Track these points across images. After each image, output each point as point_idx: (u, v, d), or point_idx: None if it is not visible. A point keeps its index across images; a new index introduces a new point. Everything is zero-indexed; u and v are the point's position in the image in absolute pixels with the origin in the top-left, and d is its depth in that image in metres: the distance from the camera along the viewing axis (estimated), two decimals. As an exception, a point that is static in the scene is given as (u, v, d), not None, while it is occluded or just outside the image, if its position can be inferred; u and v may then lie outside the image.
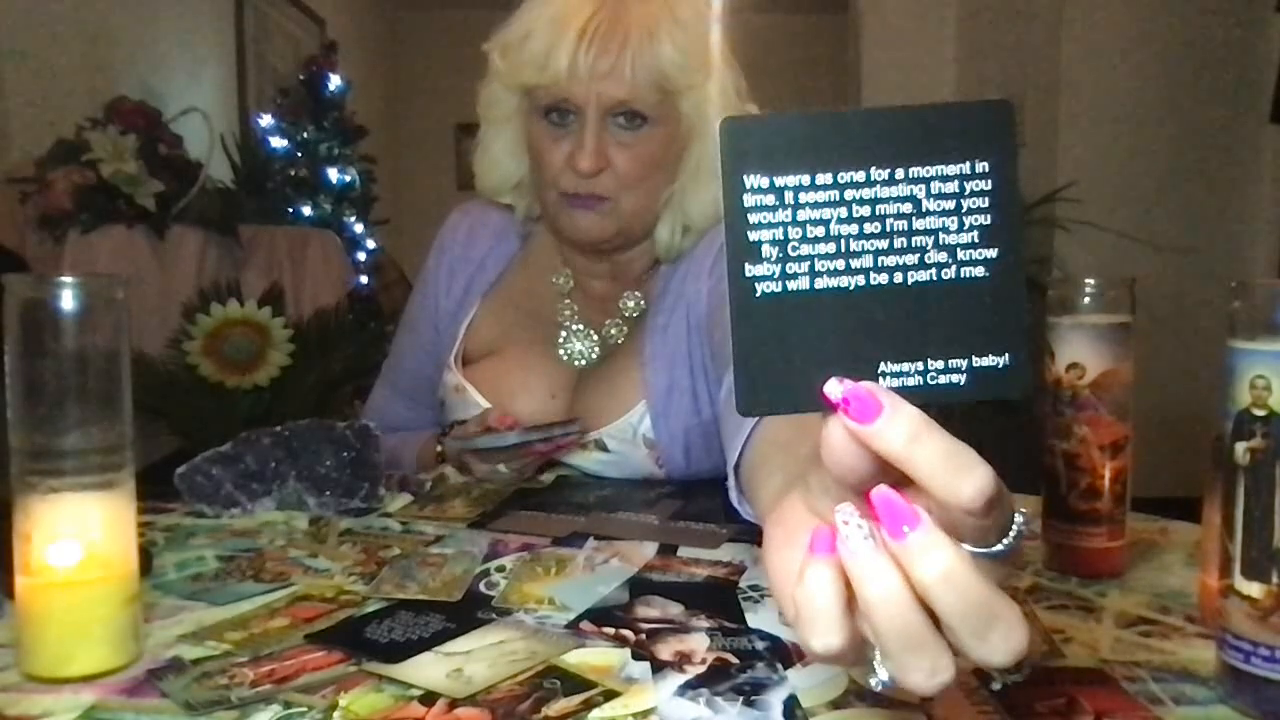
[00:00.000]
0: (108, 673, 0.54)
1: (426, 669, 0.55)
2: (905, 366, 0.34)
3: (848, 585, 0.32)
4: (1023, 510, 0.34)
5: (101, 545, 0.54)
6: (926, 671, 0.32)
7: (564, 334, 1.11)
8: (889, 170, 0.33)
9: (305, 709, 0.50)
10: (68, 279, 0.53)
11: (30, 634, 0.54)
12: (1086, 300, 0.70)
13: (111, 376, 0.55)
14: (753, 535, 0.80)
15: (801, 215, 0.34)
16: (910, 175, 0.33)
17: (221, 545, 0.79)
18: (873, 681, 0.34)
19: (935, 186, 0.33)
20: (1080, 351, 0.69)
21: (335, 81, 3.41)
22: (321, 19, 4.56)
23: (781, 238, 0.34)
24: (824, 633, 0.32)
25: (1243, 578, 0.48)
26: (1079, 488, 0.70)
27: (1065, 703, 0.50)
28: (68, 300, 0.53)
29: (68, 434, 0.53)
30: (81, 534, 0.54)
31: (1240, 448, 0.48)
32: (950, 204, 0.33)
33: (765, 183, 0.33)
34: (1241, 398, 0.48)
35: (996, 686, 0.40)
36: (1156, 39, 3.14)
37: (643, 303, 1.11)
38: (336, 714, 0.50)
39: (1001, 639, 0.32)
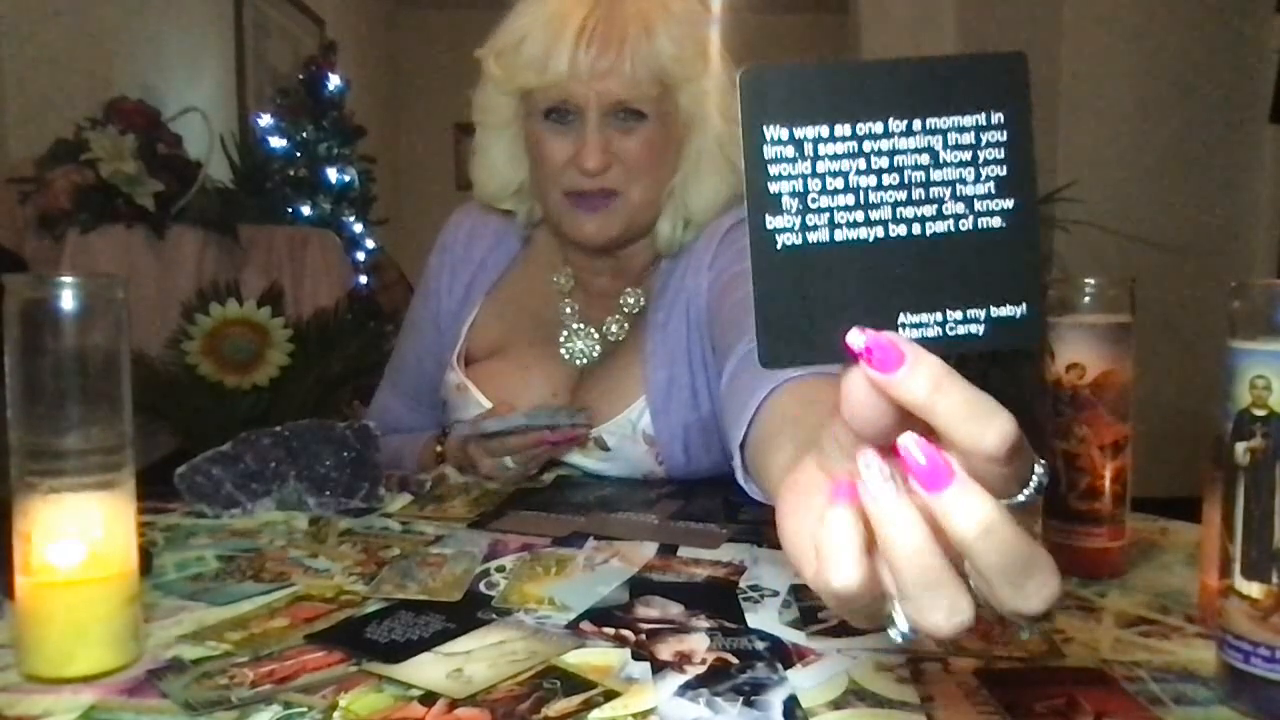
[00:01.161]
0: (108, 673, 0.54)
1: (426, 669, 0.55)
2: (924, 317, 0.34)
3: (869, 528, 0.32)
4: (1041, 461, 0.34)
5: (102, 545, 0.54)
6: (945, 611, 0.32)
7: (565, 333, 1.11)
8: (906, 121, 0.33)
9: (305, 709, 0.50)
10: (68, 279, 0.53)
11: (30, 634, 0.54)
12: (1086, 300, 0.70)
13: (111, 376, 0.55)
14: (753, 535, 0.80)
15: (821, 167, 0.34)
16: (927, 126, 0.34)
17: (221, 545, 0.79)
18: (893, 633, 0.34)
19: (952, 137, 0.34)
20: (1080, 351, 0.69)
21: (335, 81, 3.40)
22: (321, 19, 4.56)
23: (801, 189, 0.34)
24: (845, 570, 0.32)
25: (1243, 578, 0.48)
26: (1079, 488, 0.70)
27: (1065, 703, 0.50)
28: (68, 300, 0.53)
29: (68, 434, 0.53)
30: (82, 534, 0.54)
31: (1240, 448, 0.48)
32: (967, 155, 0.34)
33: (785, 134, 0.33)
34: (1241, 398, 0.48)
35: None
36: (1156, 39, 3.14)
37: (642, 299, 1.11)
38: (336, 714, 0.50)
39: (1037, 588, 0.32)
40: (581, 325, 1.12)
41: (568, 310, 1.12)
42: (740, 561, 0.74)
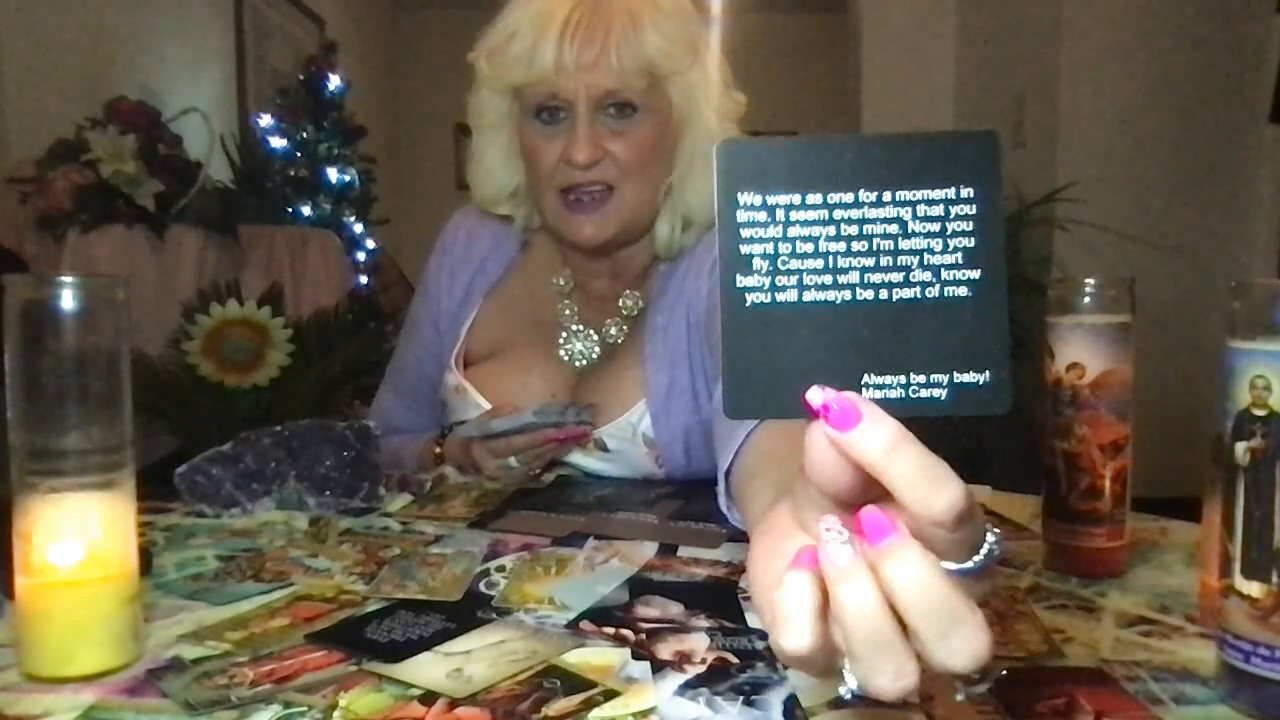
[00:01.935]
0: (108, 673, 0.54)
1: (426, 669, 0.55)
2: (888, 379, 0.35)
3: (824, 593, 0.33)
4: (995, 530, 0.35)
5: (102, 545, 0.54)
6: (892, 674, 0.33)
7: (564, 334, 1.11)
8: (877, 193, 0.35)
9: (305, 709, 0.50)
10: (68, 279, 0.53)
11: (30, 634, 0.54)
12: (1086, 300, 0.70)
13: (111, 376, 0.55)
14: (753, 535, 0.80)
15: (792, 232, 0.35)
16: (897, 198, 0.35)
17: (221, 545, 0.79)
18: (842, 690, 0.35)
19: (921, 210, 0.35)
20: (1080, 351, 0.69)
21: (335, 81, 3.40)
22: (321, 19, 4.56)
23: (772, 252, 0.35)
24: (797, 632, 0.33)
25: (1243, 578, 0.48)
26: (1079, 488, 0.70)
27: (1065, 703, 0.50)
28: (68, 300, 0.53)
29: (68, 434, 0.53)
30: (82, 534, 0.54)
31: (1240, 448, 0.48)
32: (935, 226, 0.35)
33: (758, 200, 0.35)
34: (1241, 398, 0.48)
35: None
36: (1156, 39, 3.14)
37: (641, 302, 1.11)
38: (336, 714, 0.50)
39: (963, 642, 0.32)
40: (580, 327, 1.11)
41: (566, 312, 1.12)
42: (740, 561, 0.74)
